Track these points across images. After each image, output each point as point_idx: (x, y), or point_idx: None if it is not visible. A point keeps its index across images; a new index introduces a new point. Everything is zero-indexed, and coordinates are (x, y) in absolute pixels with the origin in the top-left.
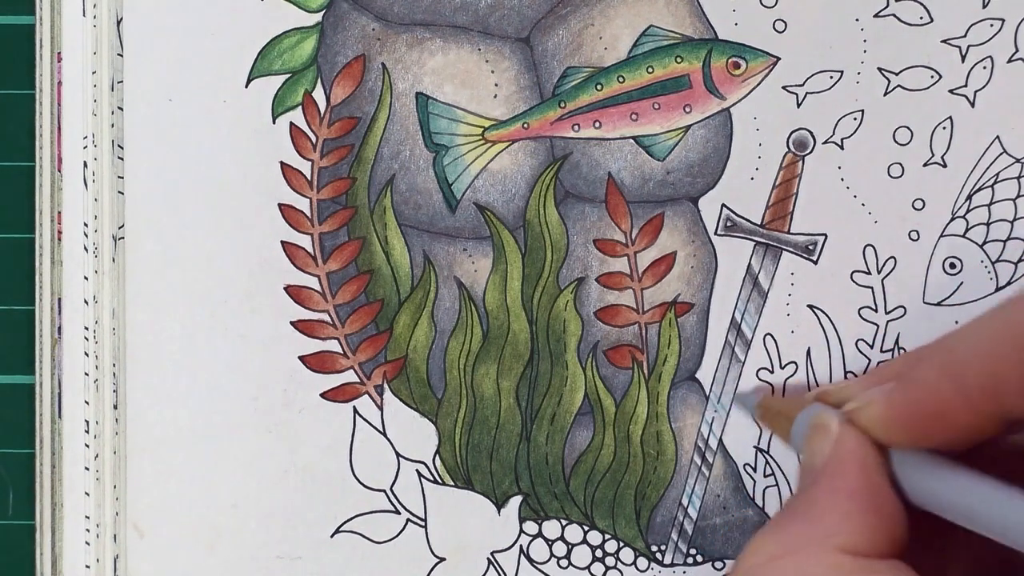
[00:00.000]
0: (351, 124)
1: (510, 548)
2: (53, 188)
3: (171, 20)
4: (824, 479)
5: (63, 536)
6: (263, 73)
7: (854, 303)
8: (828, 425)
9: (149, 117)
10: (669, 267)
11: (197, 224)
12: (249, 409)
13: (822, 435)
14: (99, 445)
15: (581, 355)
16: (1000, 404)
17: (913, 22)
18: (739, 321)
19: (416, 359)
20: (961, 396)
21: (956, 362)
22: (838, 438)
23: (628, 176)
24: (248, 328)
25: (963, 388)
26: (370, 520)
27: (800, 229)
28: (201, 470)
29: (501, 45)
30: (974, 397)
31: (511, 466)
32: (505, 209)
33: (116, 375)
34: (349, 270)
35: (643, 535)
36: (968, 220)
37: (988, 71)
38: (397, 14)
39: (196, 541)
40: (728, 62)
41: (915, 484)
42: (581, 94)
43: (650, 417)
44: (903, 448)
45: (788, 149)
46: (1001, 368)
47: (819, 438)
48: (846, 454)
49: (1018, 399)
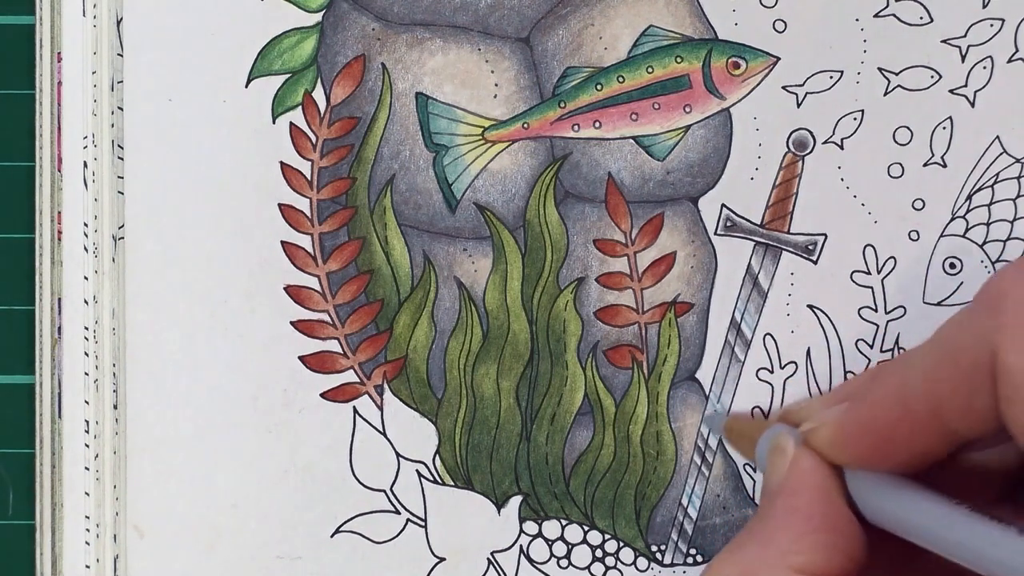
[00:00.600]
0: (351, 124)
1: (510, 548)
2: (53, 188)
3: (171, 20)
4: (779, 500)
5: (63, 536)
6: (263, 73)
7: (854, 303)
8: (784, 447)
9: (149, 117)
10: (669, 267)
11: (197, 224)
12: (249, 409)
13: (780, 457)
14: (99, 445)
15: (581, 355)
16: (943, 425)
17: (913, 22)
18: (739, 321)
19: (416, 359)
20: (907, 418)
21: (902, 384)
22: (793, 459)
23: (628, 176)
24: (248, 328)
25: (908, 411)
26: (370, 520)
27: (800, 229)
28: (201, 470)
29: (501, 45)
30: (919, 419)
31: (511, 466)
32: (505, 209)
33: (116, 375)
34: (349, 270)
35: (643, 535)
36: (968, 220)
37: (988, 71)
38: (397, 14)
39: (196, 541)
40: (728, 62)
41: (870, 503)
42: (581, 94)
43: (650, 417)
44: (857, 469)
45: (788, 149)
46: (940, 389)
47: (777, 460)
48: (801, 475)
49: (959, 419)
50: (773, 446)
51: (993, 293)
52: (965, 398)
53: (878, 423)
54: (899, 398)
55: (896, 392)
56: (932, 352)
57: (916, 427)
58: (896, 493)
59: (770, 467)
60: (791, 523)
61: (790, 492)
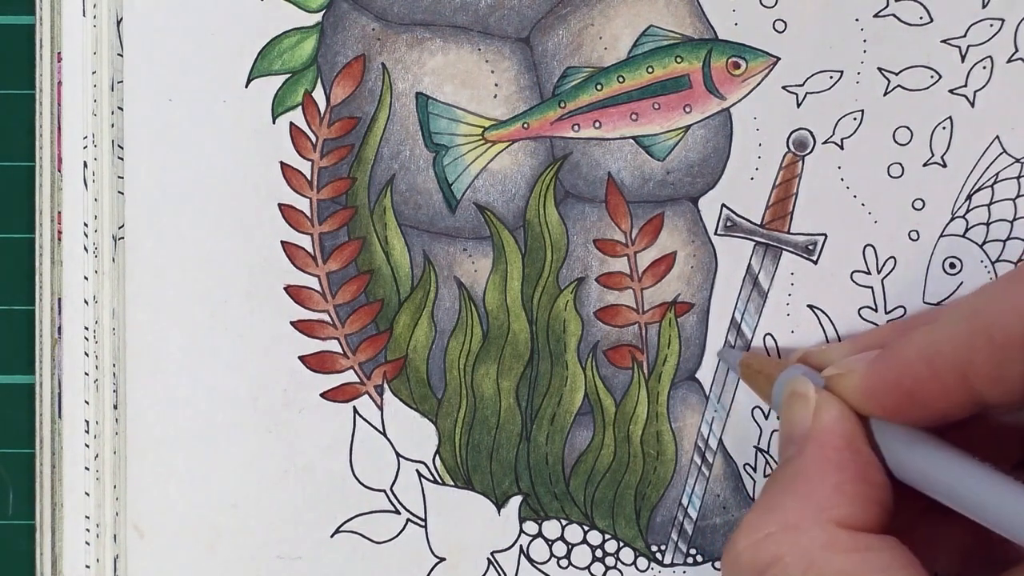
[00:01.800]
0: (351, 124)
1: (510, 548)
2: (53, 188)
3: (171, 20)
4: (810, 449)
5: (63, 536)
6: (263, 73)
7: (854, 303)
8: (806, 393)
9: (149, 117)
10: (669, 267)
11: (197, 224)
12: (249, 409)
13: (800, 403)
14: (99, 445)
15: (581, 355)
16: (970, 389)
17: (913, 22)
18: (739, 321)
19: (416, 359)
20: (934, 379)
21: (931, 344)
22: (817, 406)
23: (628, 176)
24: (248, 328)
25: (936, 372)
26: (370, 520)
27: (800, 229)
28: (201, 470)
29: (501, 45)
30: (946, 381)
31: (511, 466)
32: (505, 209)
33: (116, 375)
34: (349, 270)
35: (643, 535)
36: (968, 220)
37: (988, 71)
38: (397, 14)
39: (196, 541)
40: (728, 62)
41: (895, 456)
42: (581, 94)
43: (650, 417)
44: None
45: (788, 149)
46: (972, 357)
47: (798, 406)
48: (829, 423)
49: (987, 385)
50: (792, 391)
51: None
52: (996, 368)
53: (906, 380)
54: (928, 359)
55: (926, 352)
56: (965, 319)
57: (944, 388)
58: (922, 448)
59: (789, 412)
60: (825, 474)
61: (819, 443)
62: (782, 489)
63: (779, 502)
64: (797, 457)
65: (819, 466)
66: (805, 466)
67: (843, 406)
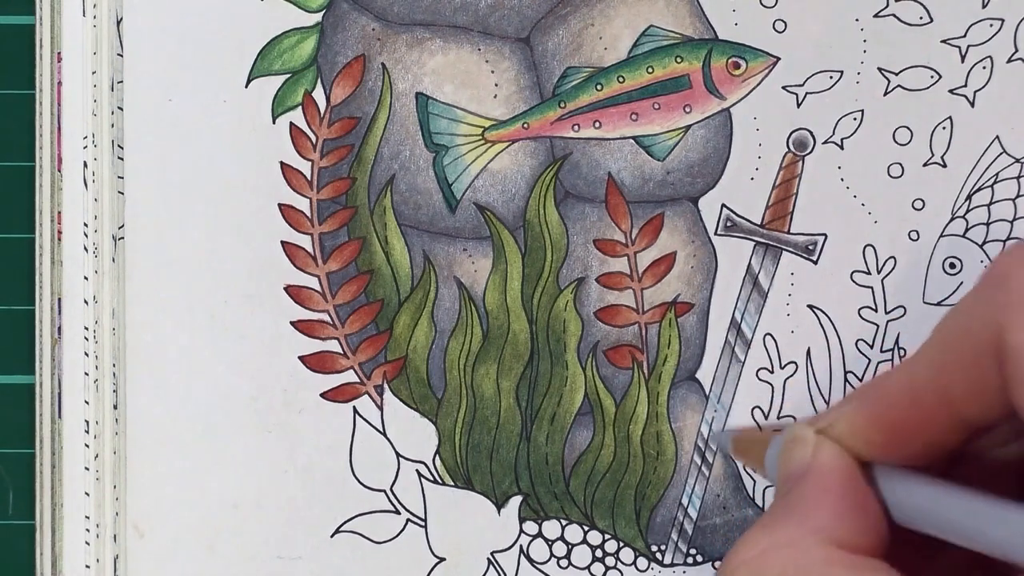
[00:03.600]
0: (351, 124)
1: (510, 548)
2: (53, 188)
3: (171, 20)
4: (810, 479)
5: (63, 536)
6: (263, 73)
7: (854, 303)
8: (804, 436)
9: (149, 117)
10: (669, 267)
11: (197, 224)
12: (249, 409)
13: (800, 445)
14: (99, 445)
15: (581, 355)
16: (954, 412)
17: (913, 22)
18: (739, 321)
19: (416, 359)
20: (916, 406)
21: (909, 374)
22: (817, 445)
23: (628, 176)
24: (248, 328)
25: (917, 398)
26: (370, 520)
27: (800, 229)
28: (201, 470)
29: (501, 45)
30: (929, 408)
31: (511, 466)
32: (505, 209)
33: (116, 375)
34: (349, 270)
35: (643, 535)
36: (968, 220)
37: (988, 71)
38: (397, 14)
39: (196, 541)
40: (728, 62)
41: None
42: (581, 94)
43: (650, 417)
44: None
45: (788, 149)
46: (948, 376)
47: (797, 448)
48: (829, 460)
49: (969, 404)
50: (791, 438)
51: (996, 275)
52: (973, 382)
53: (890, 412)
54: (908, 390)
55: (905, 384)
56: (937, 341)
57: (927, 417)
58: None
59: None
60: (825, 500)
61: (819, 473)
62: (782, 511)
63: (778, 522)
64: (797, 486)
65: (819, 492)
66: (805, 493)
67: (838, 448)
